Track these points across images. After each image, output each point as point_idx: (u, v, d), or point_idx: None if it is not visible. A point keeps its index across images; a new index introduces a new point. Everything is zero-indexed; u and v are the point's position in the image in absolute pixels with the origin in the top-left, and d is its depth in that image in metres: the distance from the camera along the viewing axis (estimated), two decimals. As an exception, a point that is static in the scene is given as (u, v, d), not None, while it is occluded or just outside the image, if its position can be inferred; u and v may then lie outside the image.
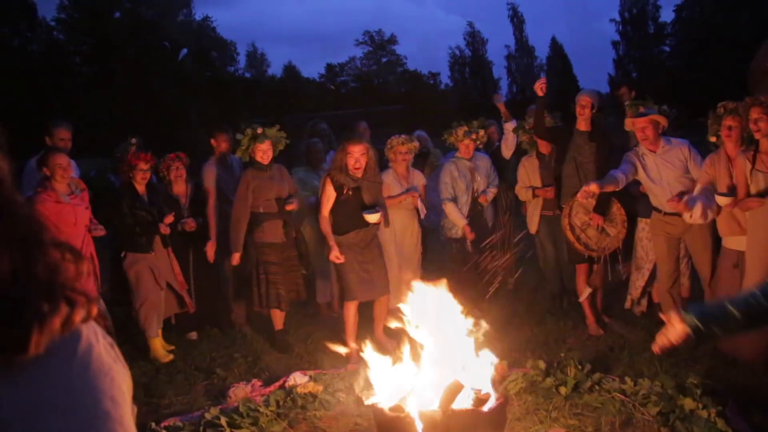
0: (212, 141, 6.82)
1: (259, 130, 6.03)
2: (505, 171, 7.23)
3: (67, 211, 5.42)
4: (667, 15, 58.22)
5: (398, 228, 6.58)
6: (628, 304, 6.35)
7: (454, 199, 6.72)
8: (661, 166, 5.58)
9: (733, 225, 5.07)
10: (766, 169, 4.66)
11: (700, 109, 5.75)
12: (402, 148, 6.52)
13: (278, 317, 6.19)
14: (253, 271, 6.12)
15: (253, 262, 6.14)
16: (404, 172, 6.62)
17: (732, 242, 5.15)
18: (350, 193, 5.69)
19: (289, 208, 6.08)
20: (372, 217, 5.74)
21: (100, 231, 5.72)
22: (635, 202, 6.28)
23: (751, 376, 4.75)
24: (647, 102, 5.85)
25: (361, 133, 7.20)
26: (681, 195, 5.40)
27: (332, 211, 5.76)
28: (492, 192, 6.88)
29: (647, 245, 6.06)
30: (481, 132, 6.84)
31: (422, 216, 6.63)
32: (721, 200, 4.97)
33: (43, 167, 5.42)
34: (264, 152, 6.01)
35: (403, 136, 6.59)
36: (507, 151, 7.24)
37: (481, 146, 6.97)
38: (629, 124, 5.75)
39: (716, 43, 42.32)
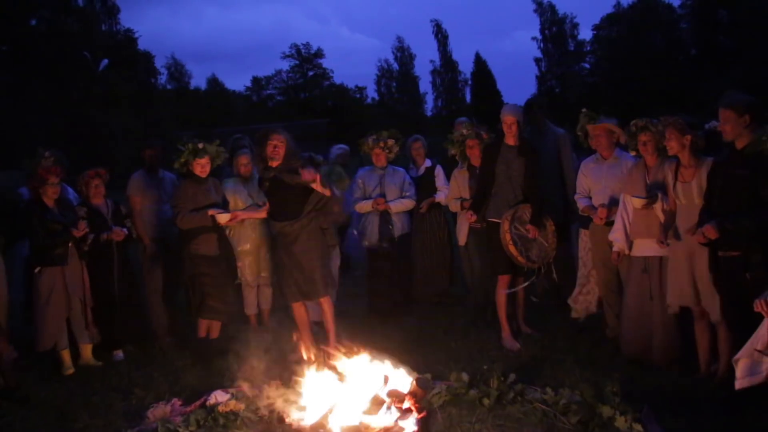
0: (149, 152, 6.94)
1: (200, 145, 6.10)
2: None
3: None
4: (586, 33, 60.18)
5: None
6: (576, 315, 6.46)
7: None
8: (607, 175, 5.83)
9: (642, 228, 5.31)
10: (684, 180, 4.93)
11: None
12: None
13: (203, 326, 6.18)
14: (188, 282, 6.15)
15: (187, 273, 6.13)
16: None
17: (638, 249, 5.42)
18: (267, 184, 5.92)
19: (223, 221, 6.11)
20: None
21: None
22: (569, 212, 6.46)
23: (664, 382, 4.90)
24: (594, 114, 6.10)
25: None
26: (607, 205, 5.75)
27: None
28: (401, 204, 7.00)
29: (586, 256, 6.23)
30: (390, 142, 7.00)
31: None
32: (636, 201, 5.27)
33: None
34: (203, 166, 6.12)
35: (304, 155, 6.70)
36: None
37: (392, 156, 7.08)
38: (590, 130, 5.97)
39: (632, 62, 44.00)
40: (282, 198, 5.87)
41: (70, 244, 5.97)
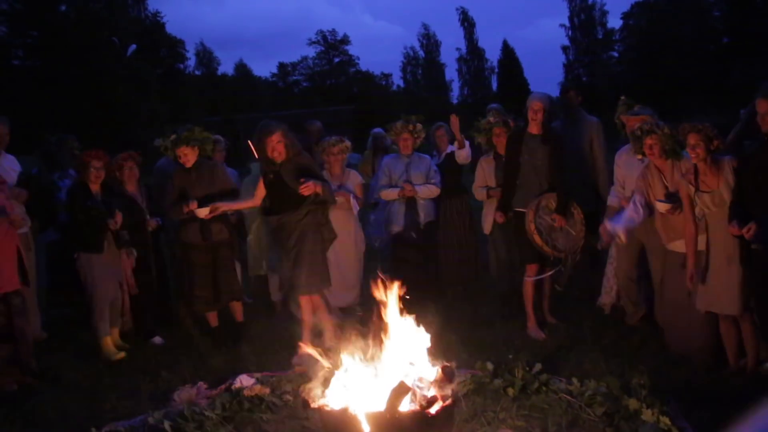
0: None
1: (172, 137, 6.02)
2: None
3: None
4: (615, 21, 59.54)
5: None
6: (606, 306, 6.42)
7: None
8: (640, 168, 5.68)
9: (671, 232, 5.27)
10: (707, 188, 4.80)
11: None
12: (334, 149, 6.72)
13: (211, 316, 6.30)
14: (177, 269, 6.30)
15: (178, 260, 6.25)
16: (339, 173, 6.81)
17: (676, 245, 5.32)
18: (272, 177, 5.75)
19: (202, 215, 5.92)
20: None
21: (23, 225, 5.55)
22: (600, 201, 6.41)
23: (693, 375, 4.84)
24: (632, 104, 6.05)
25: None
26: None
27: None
28: (427, 189, 6.91)
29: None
30: (419, 126, 6.94)
31: (354, 212, 6.65)
32: (661, 206, 5.20)
33: None
34: (184, 156, 6.04)
35: (334, 137, 6.76)
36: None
37: (419, 142, 7.03)
38: (625, 121, 5.89)
39: (661, 51, 43.39)
40: (283, 191, 5.73)
41: (106, 232, 5.98)
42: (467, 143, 7.21)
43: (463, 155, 7.16)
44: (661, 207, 5.19)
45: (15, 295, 5.34)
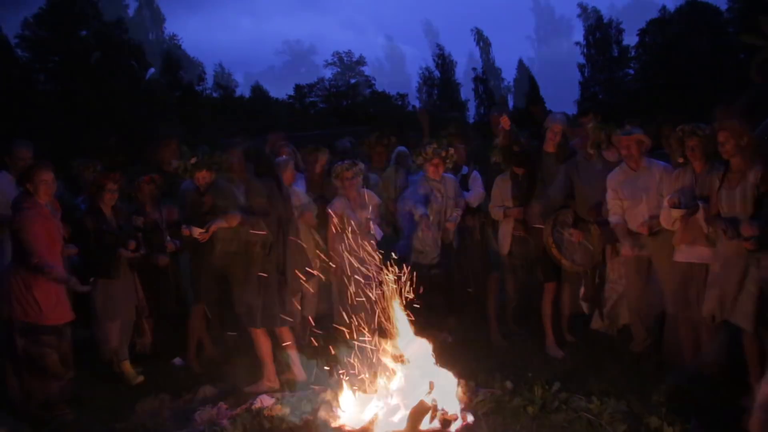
0: None
1: (193, 160, 6.08)
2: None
3: (55, 227, 5.23)
4: (630, 38, 59.40)
5: None
6: (596, 325, 6.36)
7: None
8: (638, 185, 5.68)
9: (687, 235, 5.20)
10: (730, 186, 4.78)
11: (664, 131, 5.95)
12: (348, 173, 6.53)
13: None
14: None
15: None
16: (355, 196, 6.60)
17: (682, 255, 5.29)
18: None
19: (196, 234, 5.75)
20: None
21: (72, 250, 5.58)
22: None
23: (713, 393, 4.80)
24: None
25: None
26: (651, 219, 5.57)
27: None
28: (457, 214, 6.83)
29: (616, 263, 6.17)
30: (451, 150, 6.74)
31: (378, 238, 6.60)
32: (675, 213, 5.18)
33: (26, 183, 5.10)
34: (202, 179, 6.13)
35: (346, 162, 6.61)
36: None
37: (450, 165, 6.91)
38: (615, 141, 5.85)
39: (678, 68, 43.29)
40: None
41: (120, 257, 5.96)
42: (477, 175, 7.16)
43: (475, 199, 7.11)
44: (676, 213, 5.16)
45: (68, 326, 5.35)
